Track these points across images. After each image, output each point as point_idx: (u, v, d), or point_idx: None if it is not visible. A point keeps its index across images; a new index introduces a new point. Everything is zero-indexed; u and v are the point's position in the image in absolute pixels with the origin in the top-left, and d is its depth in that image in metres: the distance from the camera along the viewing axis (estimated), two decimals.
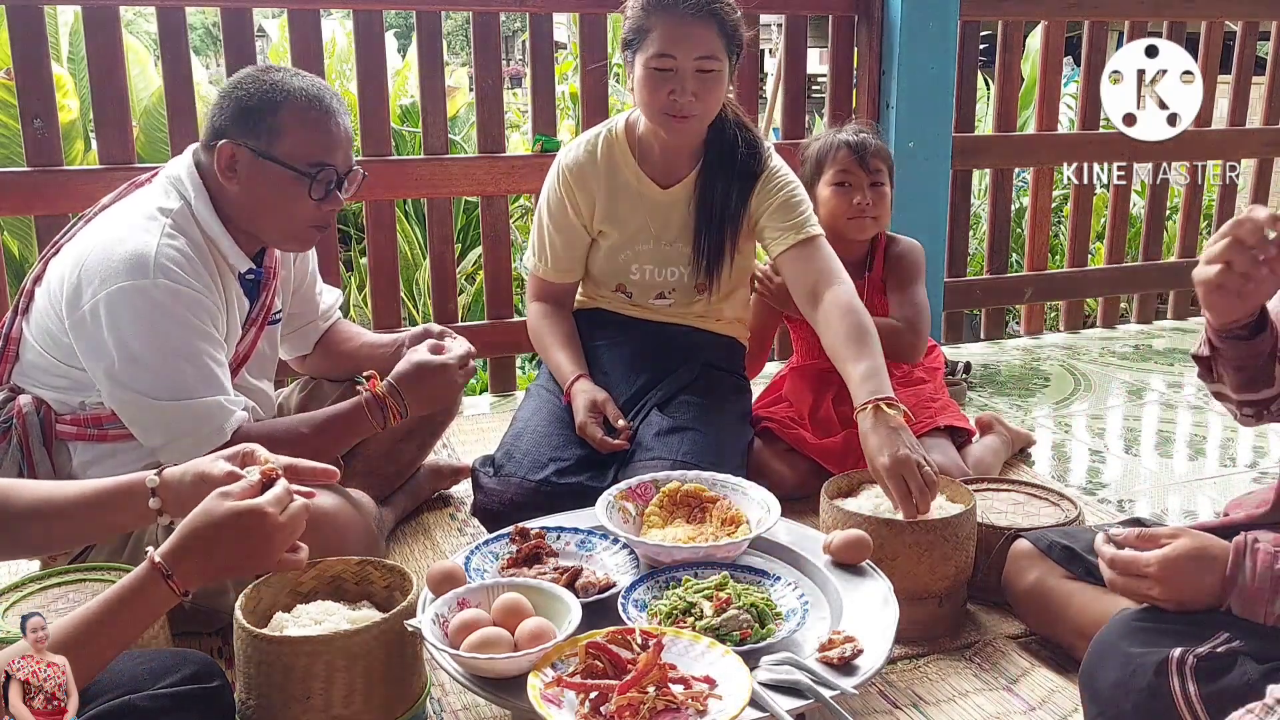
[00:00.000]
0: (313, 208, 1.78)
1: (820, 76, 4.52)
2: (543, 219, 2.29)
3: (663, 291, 2.28)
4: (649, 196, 2.21)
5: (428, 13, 2.95)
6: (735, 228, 2.21)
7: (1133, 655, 1.31)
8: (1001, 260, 3.81)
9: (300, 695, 1.40)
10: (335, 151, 1.77)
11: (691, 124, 2.08)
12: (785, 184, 2.19)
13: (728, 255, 2.22)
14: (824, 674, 1.33)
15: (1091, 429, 2.94)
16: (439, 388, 1.91)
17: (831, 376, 2.51)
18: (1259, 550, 1.29)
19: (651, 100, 2.05)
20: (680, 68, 2.01)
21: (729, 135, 2.18)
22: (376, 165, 2.93)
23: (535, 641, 1.34)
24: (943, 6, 3.31)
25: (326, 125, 1.75)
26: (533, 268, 2.34)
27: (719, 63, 2.03)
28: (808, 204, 2.20)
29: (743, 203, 2.19)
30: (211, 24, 11.57)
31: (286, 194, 1.75)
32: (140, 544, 1.76)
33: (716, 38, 2.02)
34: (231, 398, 1.75)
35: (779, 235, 2.15)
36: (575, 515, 1.79)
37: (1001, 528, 1.91)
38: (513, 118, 6.25)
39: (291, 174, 1.74)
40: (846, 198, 2.39)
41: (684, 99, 2.03)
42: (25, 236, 3.99)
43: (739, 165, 2.18)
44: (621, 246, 2.25)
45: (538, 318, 2.32)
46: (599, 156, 2.23)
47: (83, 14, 2.65)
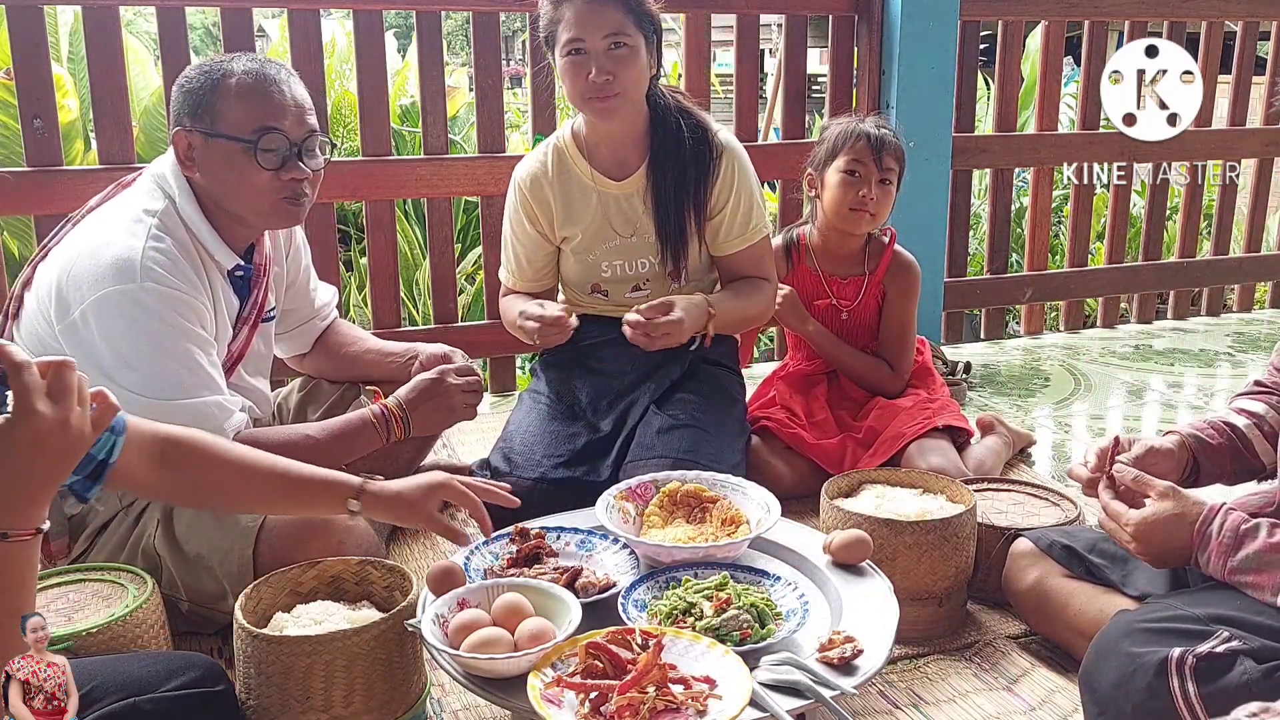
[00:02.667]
0: (270, 178, 1.75)
1: (820, 76, 4.52)
2: (507, 233, 2.34)
3: (637, 284, 2.30)
4: (604, 192, 2.24)
5: (428, 13, 2.95)
6: (695, 213, 2.23)
7: (1133, 655, 1.31)
8: (1001, 260, 3.81)
9: (300, 695, 1.40)
10: (281, 117, 1.75)
11: (616, 104, 2.10)
12: (741, 185, 2.24)
13: (690, 240, 2.24)
14: (824, 674, 1.33)
15: (1091, 429, 2.94)
16: (444, 412, 1.96)
17: (817, 376, 2.54)
18: (1231, 513, 1.39)
19: (573, 87, 2.10)
20: (591, 48, 2.05)
21: (672, 122, 2.21)
22: (376, 165, 2.93)
23: (535, 641, 1.34)
24: (943, 6, 3.31)
25: (266, 91, 1.74)
26: (505, 279, 2.39)
27: (630, 38, 2.07)
28: (758, 206, 2.28)
29: (699, 187, 2.22)
30: (211, 24, 11.55)
31: (238, 167, 1.74)
32: (139, 544, 1.76)
33: (624, 15, 2.06)
34: (229, 398, 1.75)
35: (727, 240, 2.26)
36: (575, 515, 1.79)
37: (1001, 528, 1.91)
38: (513, 118, 6.25)
39: (239, 145, 1.73)
40: (853, 188, 2.39)
41: (600, 78, 2.06)
42: (25, 236, 3.98)
43: (688, 150, 2.21)
44: (588, 247, 2.27)
45: (504, 302, 2.38)
46: (550, 164, 2.26)
47: (83, 14, 2.65)
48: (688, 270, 2.27)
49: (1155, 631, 1.34)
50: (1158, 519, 1.42)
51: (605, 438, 2.16)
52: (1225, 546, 1.37)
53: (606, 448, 2.14)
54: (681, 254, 2.24)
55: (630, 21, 2.06)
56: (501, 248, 2.38)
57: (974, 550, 1.84)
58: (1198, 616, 1.35)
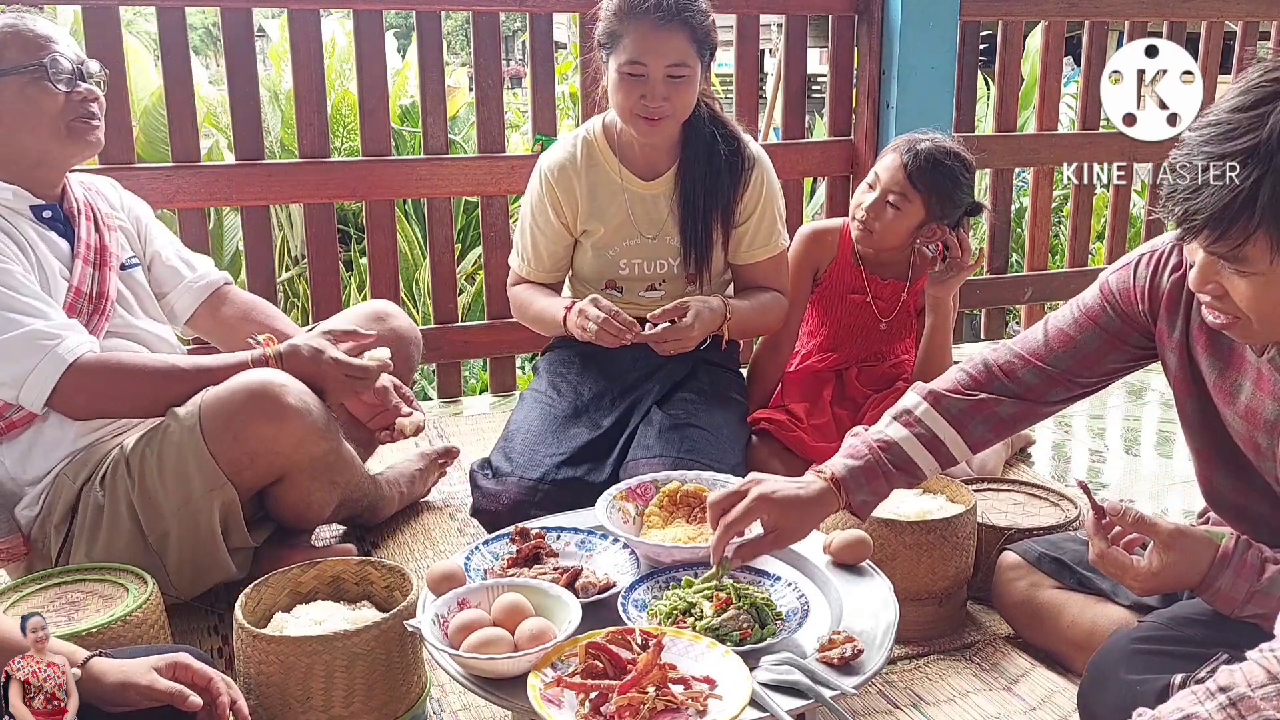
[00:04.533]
0: (63, 100, 1.80)
1: (820, 76, 4.52)
2: (525, 222, 2.32)
3: (654, 284, 2.29)
4: (631, 190, 2.24)
5: (428, 13, 2.94)
6: (722, 221, 2.24)
7: (1131, 683, 1.30)
8: (1001, 260, 3.81)
9: (300, 695, 1.41)
10: (54, 43, 1.81)
11: (663, 125, 2.11)
12: (768, 197, 2.26)
13: (715, 247, 2.26)
14: (824, 674, 1.33)
15: (1091, 429, 2.94)
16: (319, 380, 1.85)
17: (825, 376, 2.52)
18: (1246, 563, 1.33)
19: (624, 102, 2.09)
20: (651, 74, 2.05)
21: (705, 132, 2.21)
22: (376, 165, 2.93)
23: (535, 642, 1.34)
24: (943, 6, 3.31)
25: (32, 27, 1.81)
26: (516, 268, 2.37)
27: (689, 68, 2.06)
28: (781, 218, 2.29)
29: (729, 198, 2.23)
30: (211, 24, 11.56)
31: (30, 97, 1.78)
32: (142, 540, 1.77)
33: (687, 44, 2.05)
34: (58, 323, 1.75)
35: (750, 250, 2.28)
36: (575, 515, 1.79)
37: (1001, 528, 1.91)
38: (513, 118, 6.25)
39: (28, 74, 1.78)
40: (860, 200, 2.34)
41: (654, 103, 2.06)
42: None
43: (721, 161, 2.21)
44: (609, 243, 2.26)
45: (518, 290, 2.36)
46: (579, 156, 2.25)
47: (83, 14, 2.64)
48: (709, 274, 2.28)
49: (1152, 655, 1.33)
50: (1167, 572, 1.35)
51: (607, 436, 2.15)
52: (1234, 600, 1.34)
53: (608, 446, 2.13)
54: (705, 260, 2.25)
55: (692, 50, 2.06)
56: (519, 236, 2.35)
57: (974, 550, 1.84)
58: (1194, 638, 1.33)
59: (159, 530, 1.76)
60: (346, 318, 2.19)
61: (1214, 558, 1.34)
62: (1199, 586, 1.35)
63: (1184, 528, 1.37)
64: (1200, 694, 1.06)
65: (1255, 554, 1.34)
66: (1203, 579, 1.34)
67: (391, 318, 2.24)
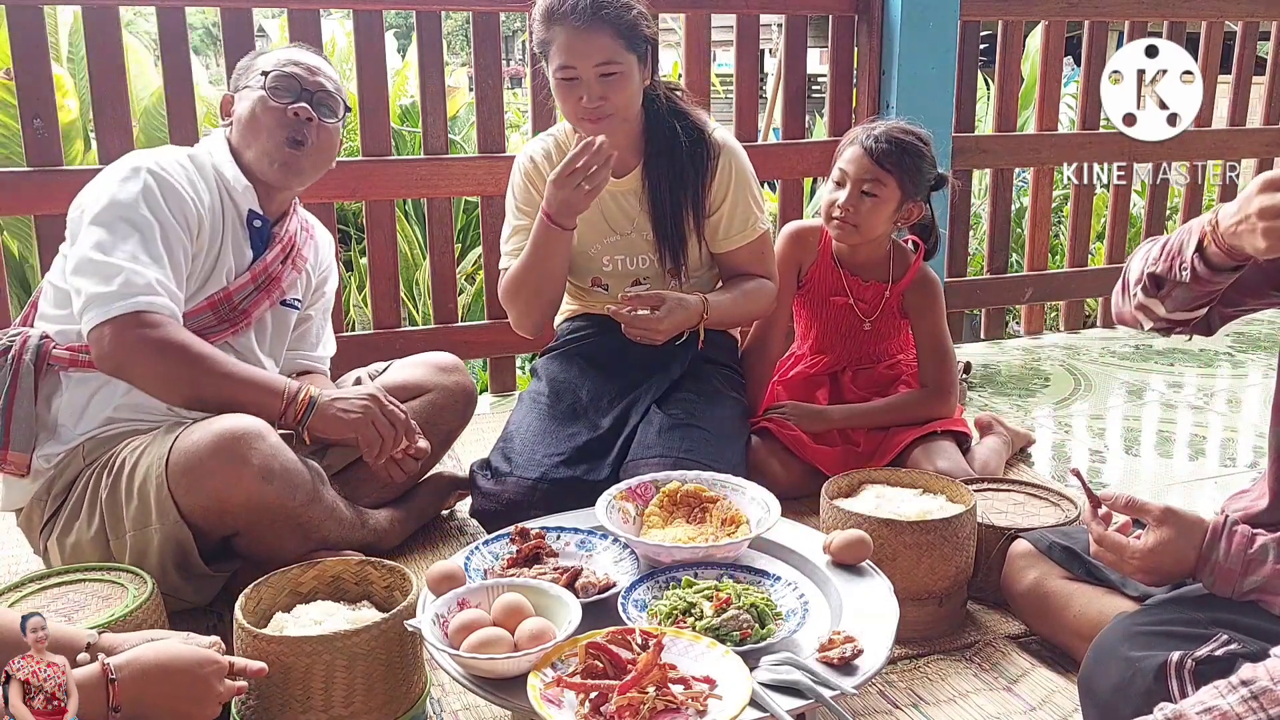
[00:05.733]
0: (278, 114, 1.91)
1: (820, 76, 4.52)
2: (512, 217, 2.31)
3: (638, 279, 2.30)
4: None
5: (428, 13, 2.95)
6: (693, 212, 2.24)
7: (1132, 659, 1.31)
8: (1001, 260, 3.81)
9: (300, 695, 1.41)
10: (293, 66, 1.95)
11: (610, 123, 2.11)
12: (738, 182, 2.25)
13: (689, 238, 2.26)
14: (824, 674, 1.33)
15: (1091, 429, 2.94)
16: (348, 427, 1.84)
17: (818, 379, 2.52)
18: (1235, 535, 1.36)
19: (564, 106, 2.12)
20: (582, 76, 2.06)
21: (667, 125, 2.21)
22: (376, 165, 2.93)
23: (535, 642, 1.34)
24: (943, 6, 3.31)
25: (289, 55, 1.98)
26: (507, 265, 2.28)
27: (619, 65, 2.06)
28: (757, 202, 2.28)
29: (697, 188, 2.22)
30: (211, 24, 11.57)
31: (253, 108, 1.92)
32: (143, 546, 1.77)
33: (613, 41, 2.05)
34: (155, 278, 1.77)
35: (726, 237, 2.28)
36: (575, 515, 1.79)
37: (1001, 528, 1.91)
38: (513, 118, 6.24)
39: (257, 89, 1.92)
40: (833, 198, 2.32)
41: (592, 104, 2.07)
42: (25, 236, 3.98)
43: (684, 151, 2.21)
44: (588, 241, 2.27)
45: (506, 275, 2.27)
46: (553, 153, 2.27)
47: (83, 14, 2.65)
48: (688, 268, 2.27)
49: (1154, 635, 1.34)
50: (1162, 548, 1.38)
51: (605, 436, 2.16)
52: (1232, 573, 1.35)
53: (607, 446, 2.14)
54: (680, 253, 2.25)
55: (621, 46, 2.06)
56: (504, 235, 2.33)
57: (974, 550, 1.84)
58: (1197, 619, 1.34)
59: (118, 539, 1.77)
60: (414, 365, 2.21)
61: (1205, 534, 1.37)
62: (1197, 566, 1.38)
63: (1174, 508, 1.41)
64: (1223, 688, 1.08)
65: (1244, 529, 1.37)
66: (1199, 556, 1.37)
67: (457, 371, 2.24)
